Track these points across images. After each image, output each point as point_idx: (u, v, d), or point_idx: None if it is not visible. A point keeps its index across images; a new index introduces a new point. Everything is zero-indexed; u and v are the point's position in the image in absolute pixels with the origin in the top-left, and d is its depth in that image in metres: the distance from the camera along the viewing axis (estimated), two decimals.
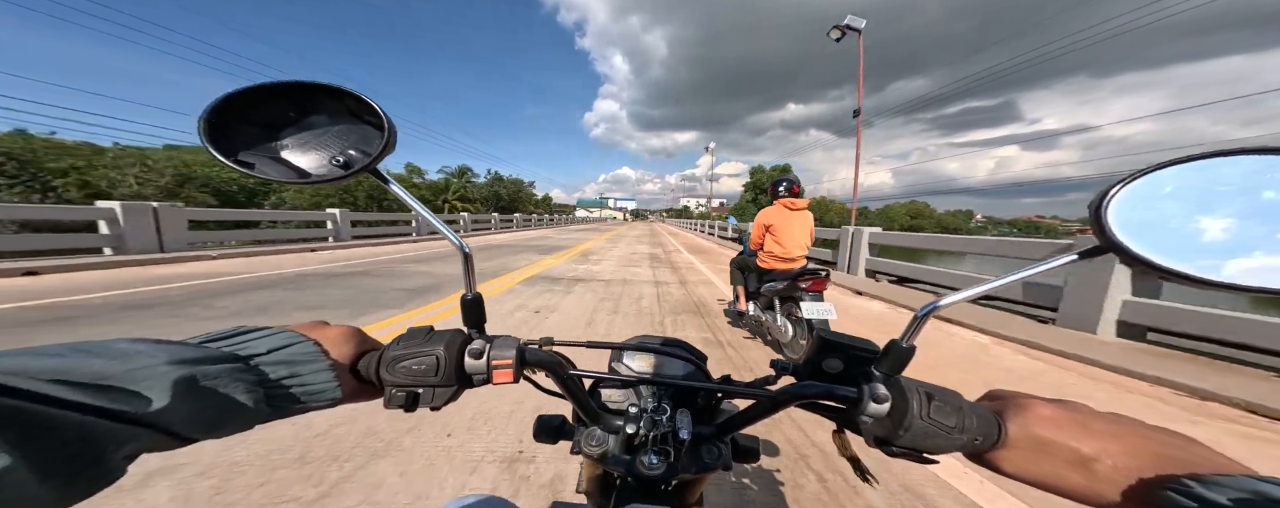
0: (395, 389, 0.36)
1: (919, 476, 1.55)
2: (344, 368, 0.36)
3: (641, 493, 0.43)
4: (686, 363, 0.50)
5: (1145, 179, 0.30)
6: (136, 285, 4.78)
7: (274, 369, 0.31)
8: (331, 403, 0.34)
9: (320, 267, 6.70)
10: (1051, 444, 0.30)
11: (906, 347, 0.35)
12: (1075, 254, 0.32)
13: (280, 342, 0.33)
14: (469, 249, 0.39)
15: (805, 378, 0.41)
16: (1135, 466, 0.28)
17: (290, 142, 0.38)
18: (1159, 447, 0.28)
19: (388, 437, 1.72)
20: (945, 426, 0.32)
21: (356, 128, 0.38)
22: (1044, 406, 0.33)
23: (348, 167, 0.37)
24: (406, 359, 0.36)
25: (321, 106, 0.38)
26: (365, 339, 0.40)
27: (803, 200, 3.21)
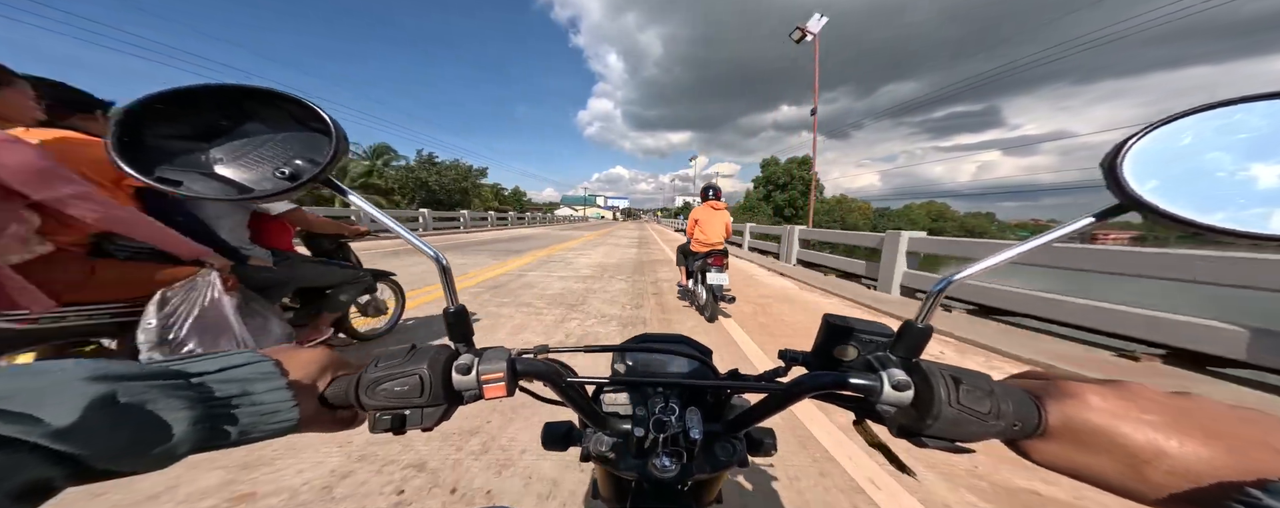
0: (380, 413, 0.35)
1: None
2: (308, 391, 0.35)
3: (657, 496, 0.43)
4: (691, 360, 0.51)
5: (1162, 130, 0.30)
6: None
7: (223, 387, 0.29)
8: (285, 428, 0.32)
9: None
10: (1100, 435, 0.27)
11: (923, 327, 0.34)
12: (1093, 216, 0.31)
13: (236, 361, 0.31)
14: (446, 261, 0.38)
15: (815, 368, 0.42)
16: (1198, 468, 0.24)
17: (223, 154, 0.34)
18: (1234, 441, 0.24)
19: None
20: (978, 412, 0.30)
21: (300, 135, 0.35)
22: (1094, 391, 0.29)
23: (295, 178, 0.33)
24: (387, 381, 0.35)
25: (256, 113, 0.34)
26: (339, 363, 0.39)
27: (722, 204, 4.64)
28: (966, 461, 1.64)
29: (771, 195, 51.18)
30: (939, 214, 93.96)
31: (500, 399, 0.37)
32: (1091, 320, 3.56)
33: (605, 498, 0.53)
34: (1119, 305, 3.40)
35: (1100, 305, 3.50)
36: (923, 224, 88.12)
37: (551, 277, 6.43)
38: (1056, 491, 1.53)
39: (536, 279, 6.15)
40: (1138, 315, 3.23)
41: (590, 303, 4.80)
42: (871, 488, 1.52)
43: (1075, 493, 1.50)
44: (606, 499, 0.53)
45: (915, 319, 0.35)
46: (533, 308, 4.40)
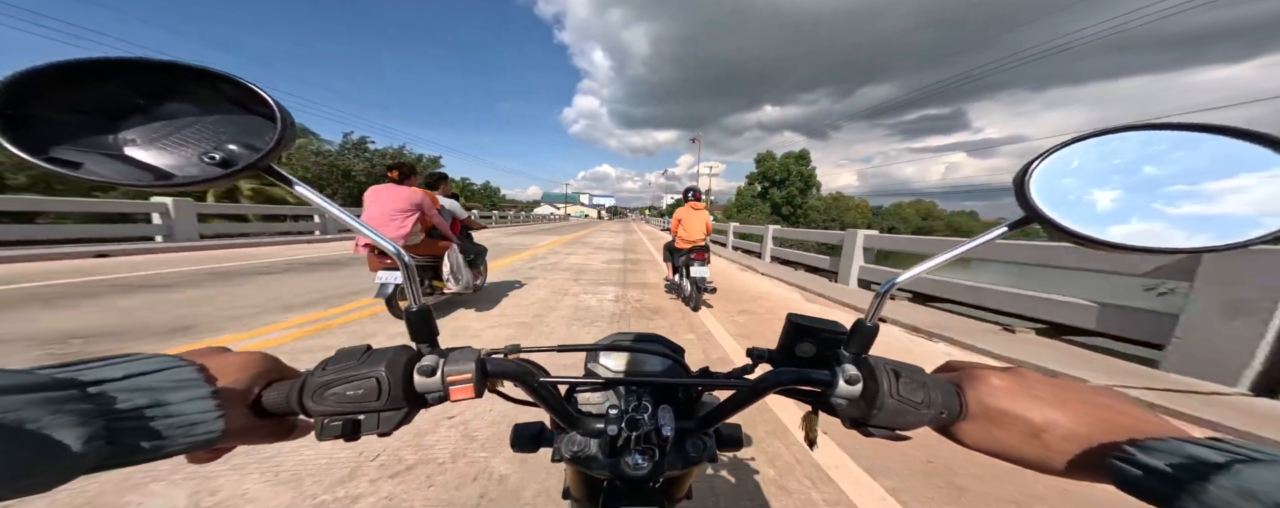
0: (329, 419, 0.33)
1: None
2: (237, 399, 0.32)
3: (628, 494, 0.44)
4: (663, 358, 0.51)
5: (1059, 153, 0.35)
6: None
7: (129, 397, 0.26)
8: (207, 439, 0.29)
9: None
10: (1006, 415, 0.32)
11: (871, 325, 0.37)
12: (1006, 226, 0.35)
13: (148, 366, 0.28)
14: (409, 258, 0.37)
15: (780, 364, 0.44)
16: (1081, 433, 0.30)
17: (138, 134, 0.30)
18: (1100, 411, 0.30)
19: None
20: (913, 401, 0.34)
21: (238, 118, 0.32)
22: (996, 375, 0.35)
23: (228, 164, 0.31)
24: (338, 385, 0.33)
25: (182, 92, 0.31)
26: (277, 367, 0.37)
27: (702, 204, 5.13)
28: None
29: (768, 192, 48.00)
30: (927, 213, 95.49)
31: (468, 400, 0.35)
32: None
33: (577, 498, 0.54)
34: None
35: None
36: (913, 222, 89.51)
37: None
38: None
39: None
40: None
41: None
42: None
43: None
44: (578, 499, 0.54)
45: (865, 318, 0.37)
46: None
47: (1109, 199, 0.34)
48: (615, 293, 5.57)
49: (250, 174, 0.31)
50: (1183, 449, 0.25)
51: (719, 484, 1.59)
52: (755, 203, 47.15)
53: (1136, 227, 0.33)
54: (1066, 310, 3.63)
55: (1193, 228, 0.32)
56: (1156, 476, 0.24)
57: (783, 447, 1.91)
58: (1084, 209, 0.34)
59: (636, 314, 4.46)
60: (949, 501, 1.61)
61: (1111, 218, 0.33)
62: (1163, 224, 0.32)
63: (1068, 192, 0.34)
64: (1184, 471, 0.24)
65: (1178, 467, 0.24)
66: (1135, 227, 0.33)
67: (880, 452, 1.85)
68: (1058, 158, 0.35)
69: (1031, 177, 0.35)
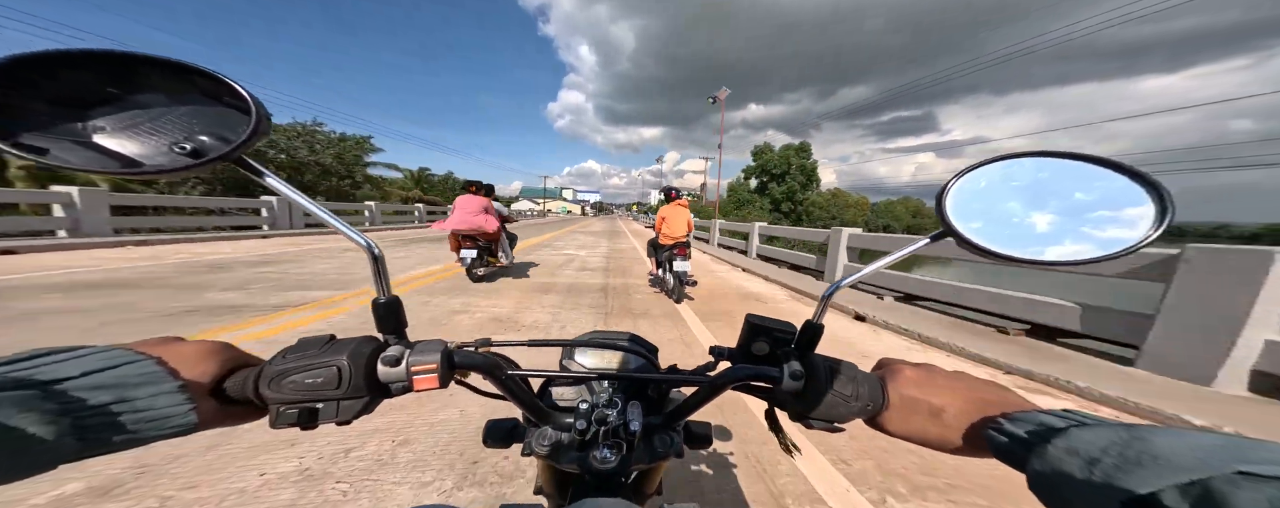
0: (284, 407, 0.34)
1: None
2: (201, 389, 0.33)
3: (598, 488, 0.45)
4: (636, 356, 0.53)
5: (970, 175, 0.39)
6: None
7: (92, 394, 0.26)
8: (183, 430, 0.30)
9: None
10: (916, 401, 0.37)
11: (817, 325, 0.41)
12: (928, 238, 0.41)
13: (103, 362, 0.28)
14: (379, 251, 0.37)
15: (738, 361, 0.46)
16: (968, 411, 0.35)
17: (108, 123, 0.31)
18: (981, 394, 0.37)
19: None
20: (844, 395, 0.37)
21: (210, 110, 0.33)
22: (909, 368, 0.40)
23: (199, 155, 0.31)
24: (296, 373, 0.34)
25: (155, 84, 0.32)
26: (236, 355, 0.37)
27: (684, 201, 5.44)
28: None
29: (767, 187, 45.01)
30: (916, 210, 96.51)
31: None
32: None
33: (548, 492, 0.55)
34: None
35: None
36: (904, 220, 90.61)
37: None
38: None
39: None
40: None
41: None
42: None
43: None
44: (549, 493, 0.55)
45: (812, 319, 0.40)
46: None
47: (1007, 217, 0.38)
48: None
49: (222, 165, 0.32)
50: (1037, 419, 0.30)
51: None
52: (753, 199, 44.29)
53: (1027, 242, 0.37)
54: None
55: (1071, 243, 0.36)
56: (1016, 441, 0.30)
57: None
58: (986, 225, 0.38)
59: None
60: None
61: (1008, 234, 0.38)
62: (1048, 240, 0.37)
63: (975, 209, 0.39)
64: (1035, 435, 0.29)
65: (1031, 433, 0.29)
66: (1026, 242, 0.37)
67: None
68: (970, 178, 0.39)
69: (948, 195, 0.39)
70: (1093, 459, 0.24)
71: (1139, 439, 0.23)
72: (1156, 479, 0.20)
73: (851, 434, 1.94)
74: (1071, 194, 0.37)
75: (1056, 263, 0.35)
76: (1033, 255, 0.36)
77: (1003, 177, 0.39)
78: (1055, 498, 0.26)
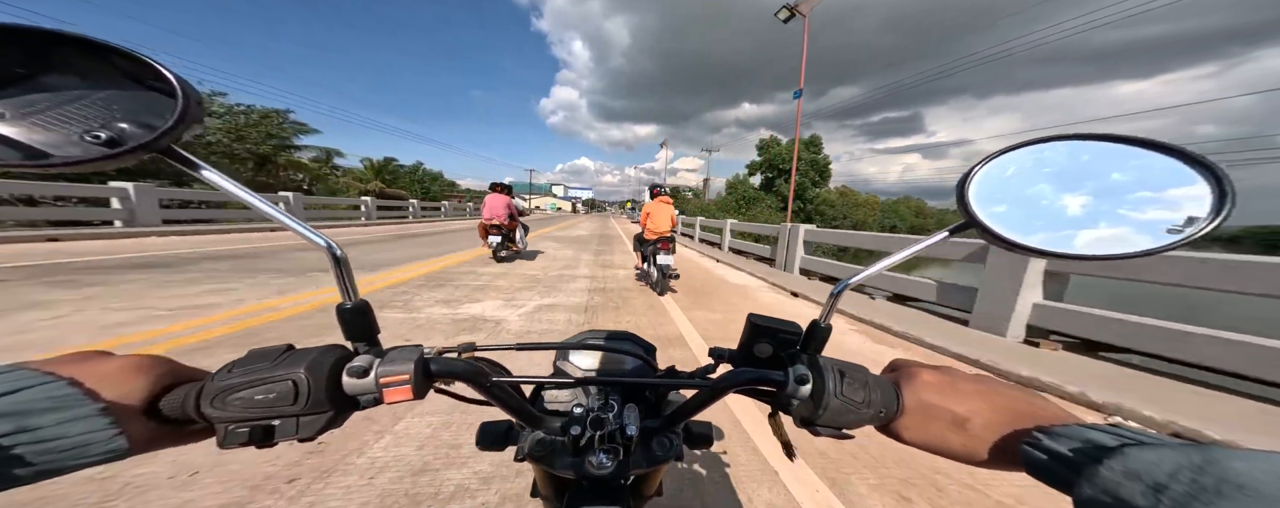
0: (234, 425, 0.31)
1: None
2: (131, 410, 0.30)
3: (595, 493, 0.44)
4: (633, 357, 0.51)
5: (995, 161, 0.37)
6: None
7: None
8: (111, 456, 0.28)
9: None
10: (935, 408, 0.35)
11: (824, 326, 0.39)
12: (948, 232, 0.37)
13: (2, 386, 0.25)
14: (341, 252, 0.35)
15: (739, 364, 0.45)
16: (997, 422, 0.32)
17: (7, 108, 0.28)
18: (1012, 403, 0.33)
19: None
20: (855, 401, 0.35)
21: (131, 95, 0.30)
22: (927, 371, 0.37)
23: (115, 144, 0.28)
24: (244, 389, 0.31)
25: (67, 64, 0.29)
26: (171, 370, 0.34)
27: (668, 198, 5.76)
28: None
29: (774, 184, 41.19)
30: (918, 210, 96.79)
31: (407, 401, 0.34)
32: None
33: (544, 496, 0.54)
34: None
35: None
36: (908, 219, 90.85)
37: None
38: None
39: None
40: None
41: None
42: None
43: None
44: (546, 498, 0.54)
45: (819, 319, 0.39)
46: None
47: (1038, 206, 0.35)
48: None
49: (144, 155, 0.29)
50: (1082, 434, 0.27)
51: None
52: (761, 196, 39.60)
53: (1061, 233, 0.34)
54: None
55: (1113, 234, 0.33)
56: (1058, 460, 0.27)
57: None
58: (1014, 216, 0.35)
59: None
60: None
61: (1039, 225, 0.35)
62: (1086, 231, 0.34)
63: (1002, 198, 0.36)
64: (1081, 454, 0.26)
65: (1077, 450, 0.26)
66: (1060, 233, 0.34)
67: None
68: (994, 165, 0.37)
69: (971, 183, 0.37)
70: (1159, 485, 0.21)
71: (1213, 463, 0.21)
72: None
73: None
74: (1114, 181, 0.33)
75: (1102, 256, 0.33)
76: (1074, 250, 0.33)
77: (1034, 163, 0.36)
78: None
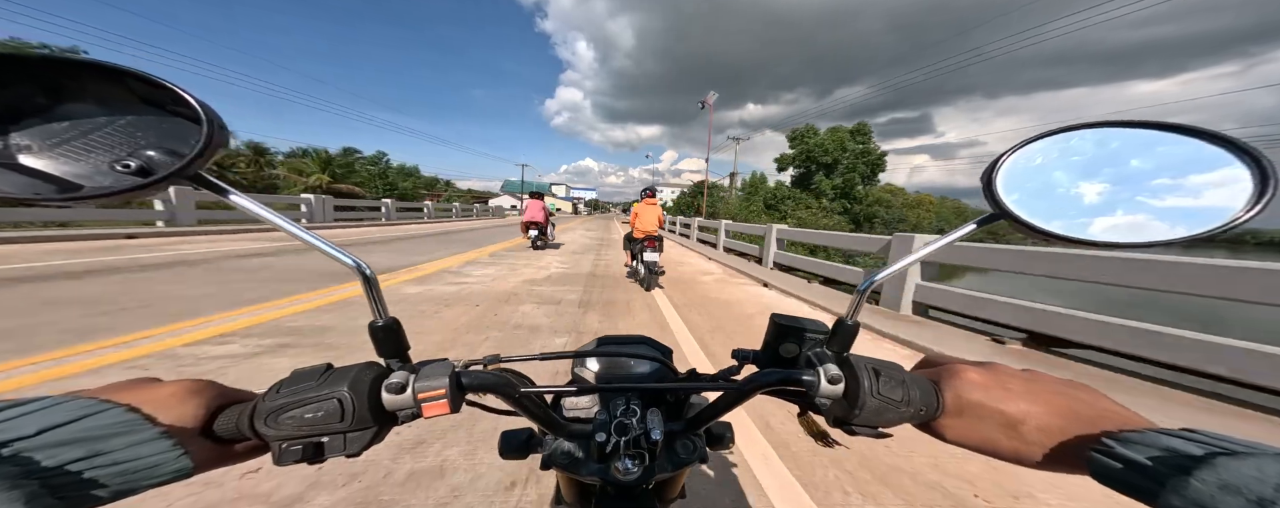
0: (287, 443, 0.32)
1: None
2: (189, 432, 0.31)
3: (620, 498, 0.44)
4: (651, 361, 0.51)
5: (1023, 151, 0.36)
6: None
7: (53, 453, 0.25)
8: (179, 475, 0.29)
9: None
10: (981, 408, 0.33)
11: (851, 324, 0.38)
12: (974, 224, 0.37)
13: (62, 416, 0.26)
14: (371, 271, 0.36)
15: (765, 365, 0.45)
16: (1056, 425, 0.30)
17: (33, 140, 0.28)
18: (1073, 404, 0.31)
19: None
20: (893, 400, 0.35)
21: (154, 121, 0.30)
22: (970, 369, 0.36)
23: (147, 173, 0.29)
24: (294, 408, 0.32)
25: (89, 92, 0.29)
26: (221, 392, 0.35)
27: (655, 200, 6.24)
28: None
29: (813, 179, 35.22)
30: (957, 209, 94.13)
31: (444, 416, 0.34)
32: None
33: (569, 502, 0.54)
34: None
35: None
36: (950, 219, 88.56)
37: None
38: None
39: None
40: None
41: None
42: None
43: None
44: (570, 504, 0.54)
45: (845, 317, 0.38)
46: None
47: (1069, 196, 0.35)
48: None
49: (175, 183, 0.29)
50: (1159, 442, 0.25)
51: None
52: (794, 195, 33.66)
53: (1094, 223, 0.34)
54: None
55: (1148, 223, 0.32)
56: (1136, 469, 0.25)
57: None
58: (1044, 206, 0.35)
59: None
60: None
61: (1071, 214, 0.34)
62: (1120, 220, 0.33)
63: (1030, 188, 0.36)
64: (1163, 464, 0.24)
65: (1157, 460, 0.24)
66: (1092, 223, 0.34)
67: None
68: (1022, 155, 0.37)
69: (998, 173, 0.36)
70: (1264, 500, 0.20)
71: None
72: None
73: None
74: (1147, 168, 0.33)
75: (1135, 243, 0.32)
76: (1104, 237, 0.33)
77: (1061, 151, 0.36)
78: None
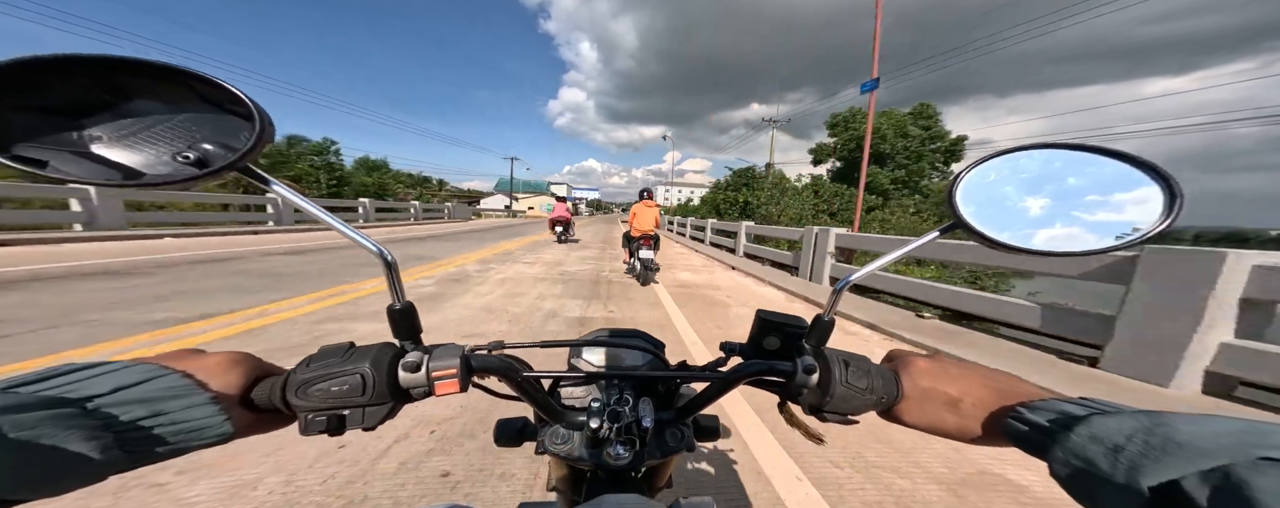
0: (313, 414, 0.35)
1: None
2: (231, 399, 0.34)
3: (612, 483, 0.46)
4: (644, 353, 0.54)
5: (979, 168, 0.41)
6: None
7: (125, 410, 0.28)
8: (220, 439, 0.32)
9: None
10: (932, 392, 0.38)
11: (828, 319, 0.42)
12: (938, 232, 0.41)
13: (132, 377, 0.29)
14: (392, 257, 0.38)
15: (750, 357, 0.48)
16: (986, 401, 0.36)
17: (104, 132, 0.31)
18: (997, 383, 0.37)
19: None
20: (859, 388, 0.39)
21: (212, 118, 0.33)
22: (922, 360, 0.41)
23: (204, 164, 0.31)
24: (321, 381, 0.35)
25: (148, 90, 0.32)
26: (258, 365, 0.38)
27: (654, 201, 6.63)
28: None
29: (854, 174, 23.07)
30: None
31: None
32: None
33: (562, 489, 0.57)
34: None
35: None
36: None
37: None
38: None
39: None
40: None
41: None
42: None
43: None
44: (563, 490, 0.57)
45: (822, 313, 0.42)
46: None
47: (1016, 209, 0.40)
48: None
49: (229, 174, 0.32)
50: (1057, 407, 0.30)
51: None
52: (841, 193, 24.42)
53: (1037, 234, 0.39)
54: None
55: (1080, 235, 0.37)
56: (1036, 429, 0.30)
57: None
58: (996, 217, 0.40)
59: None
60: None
61: (1017, 225, 0.39)
62: (1057, 232, 0.38)
63: (985, 201, 0.40)
64: (1056, 424, 0.29)
65: (1053, 421, 0.30)
66: (1035, 234, 0.39)
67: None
68: (979, 171, 0.41)
69: (958, 187, 0.41)
70: (1116, 447, 0.24)
71: (1161, 426, 0.23)
72: (1180, 466, 0.21)
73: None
74: (1081, 185, 0.38)
75: (1066, 253, 0.37)
76: (1043, 247, 0.37)
77: (1012, 169, 0.40)
78: (1077, 486, 0.26)
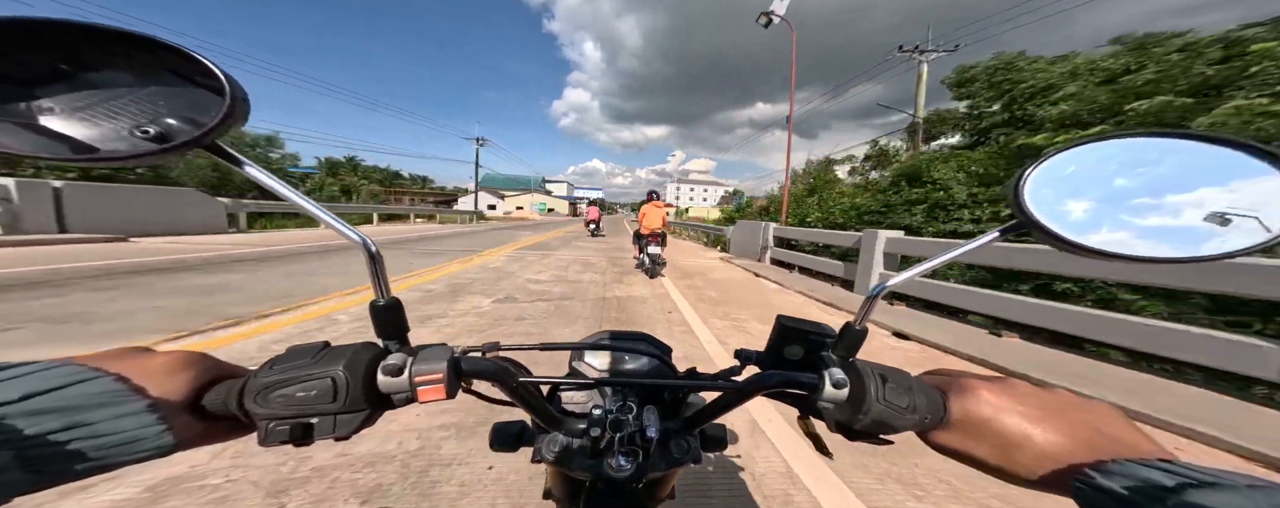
0: (274, 423, 0.32)
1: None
2: (175, 405, 0.30)
3: (611, 495, 0.44)
4: (650, 357, 0.52)
5: (1053, 159, 0.36)
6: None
7: (33, 421, 0.24)
8: (158, 453, 0.28)
9: None
10: (987, 425, 0.34)
11: (860, 329, 0.39)
12: (998, 232, 0.36)
13: (50, 381, 0.25)
14: (376, 248, 0.35)
15: (768, 366, 0.45)
16: (1053, 451, 0.31)
17: (58, 103, 0.28)
18: (1079, 428, 0.32)
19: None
20: (898, 407, 0.35)
21: (179, 90, 0.30)
22: (985, 387, 0.36)
23: (164, 139, 0.29)
24: (286, 386, 0.32)
25: (115, 60, 0.29)
26: (213, 366, 0.35)
27: (661, 202, 7.52)
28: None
29: (987, 139, 10.80)
30: None
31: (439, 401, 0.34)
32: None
33: (558, 497, 0.55)
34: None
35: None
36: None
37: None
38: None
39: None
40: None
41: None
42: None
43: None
44: (559, 499, 0.55)
45: (853, 322, 0.39)
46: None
47: (1100, 207, 0.34)
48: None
49: (191, 151, 0.29)
50: (1135, 472, 0.26)
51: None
52: (945, 178, 9.29)
53: (1128, 236, 0.33)
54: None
55: (1186, 237, 0.32)
56: (1113, 498, 0.25)
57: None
58: (1075, 216, 0.34)
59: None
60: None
61: (1102, 225, 0.34)
62: (1154, 233, 0.33)
63: (1060, 198, 0.35)
64: (1138, 494, 0.24)
65: (1132, 490, 0.25)
66: (1126, 236, 0.33)
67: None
68: (1052, 164, 0.36)
69: (1026, 182, 0.36)
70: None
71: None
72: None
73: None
74: (1189, 181, 0.33)
75: (1173, 259, 0.32)
76: (1142, 252, 0.32)
77: (1098, 160, 0.35)
78: None
